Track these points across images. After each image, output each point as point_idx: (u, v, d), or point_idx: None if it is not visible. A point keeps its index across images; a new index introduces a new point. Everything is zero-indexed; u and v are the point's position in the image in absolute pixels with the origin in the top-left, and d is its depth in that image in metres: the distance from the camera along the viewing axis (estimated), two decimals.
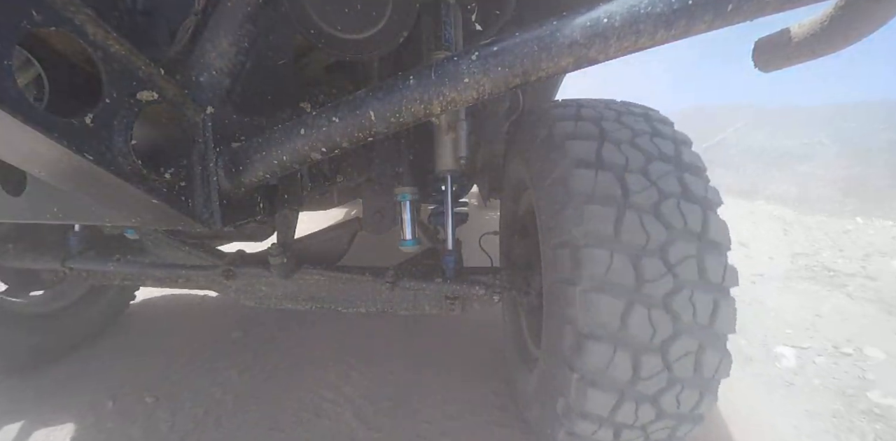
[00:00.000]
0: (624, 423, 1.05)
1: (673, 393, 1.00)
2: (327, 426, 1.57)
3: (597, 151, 1.07)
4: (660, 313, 0.95)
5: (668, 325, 0.95)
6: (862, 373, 2.06)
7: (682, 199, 1.01)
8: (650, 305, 0.95)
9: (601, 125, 1.15)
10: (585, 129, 1.14)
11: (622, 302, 0.95)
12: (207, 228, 0.90)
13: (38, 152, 0.62)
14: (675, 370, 0.97)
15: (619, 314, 0.94)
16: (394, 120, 0.76)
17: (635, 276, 0.95)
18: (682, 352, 0.96)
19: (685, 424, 1.06)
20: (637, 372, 0.97)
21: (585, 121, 1.17)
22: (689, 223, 0.98)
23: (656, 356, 0.96)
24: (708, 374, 0.99)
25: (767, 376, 2.03)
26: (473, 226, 2.76)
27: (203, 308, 2.56)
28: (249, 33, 0.96)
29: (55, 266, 1.59)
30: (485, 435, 1.54)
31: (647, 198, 0.99)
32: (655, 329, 0.95)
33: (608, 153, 1.06)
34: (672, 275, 0.95)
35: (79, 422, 1.60)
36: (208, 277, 1.60)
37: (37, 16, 0.56)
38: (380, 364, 1.94)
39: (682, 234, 0.98)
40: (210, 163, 0.88)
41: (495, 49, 0.67)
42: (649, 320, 0.94)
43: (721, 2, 0.59)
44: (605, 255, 0.96)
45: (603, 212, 0.98)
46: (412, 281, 1.41)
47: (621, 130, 1.13)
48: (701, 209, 1.00)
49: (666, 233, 0.97)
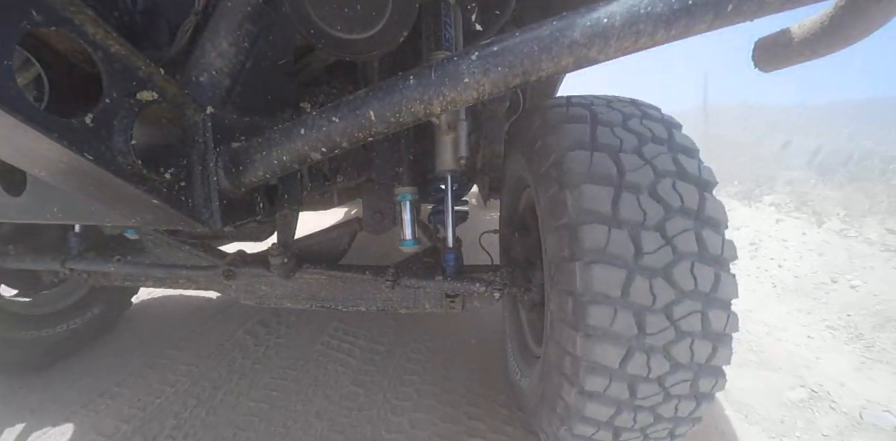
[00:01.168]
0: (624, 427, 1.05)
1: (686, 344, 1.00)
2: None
3: (590, 134, 1.10)
4: (660, 283, 0.96)
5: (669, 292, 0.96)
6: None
7: (678, 178, 1.03)
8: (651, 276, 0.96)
9: (592, 109, 1.18)
10: (577, 112, 1.17)
11: (623, 273, 0.96)
12: (207, 228, 0.90)
13: (38, 152, 0.62)
14: (681, 327, 0.98)
15: (621, 285, 0.95)
16: (394, 120, 0.76)
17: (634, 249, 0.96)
18: (686, 312, 0.97)
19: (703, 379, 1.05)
20: (642, 329, 0.96)
21: (576, 106, 1.21)
22: (685, 202, 1.00)
23: (660, 316, 0.96)
24: (717, 328, 0.99)
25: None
26: (473, 225, 2.77)
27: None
28: (249, 33, 0.96)
29: (55, 267, 1.59)
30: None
31: (643, 176, 1.02)
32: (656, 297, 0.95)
33: (602, 136, 1.09)
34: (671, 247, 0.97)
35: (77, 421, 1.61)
36: (209, 277, 1.60)
37: (37, 16, 0.56)
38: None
39: (679, 212, 1.00)
40: (210, 163, 0.88)
41: (495, 49, 0.67)
42: (650, 290, 0.95)
43: (721, 2, 0.59)
44: (603, 230, 0.97)
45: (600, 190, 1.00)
46: (412, 279, 1.41)
47: (611, 113, 1.17)
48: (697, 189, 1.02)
49: (663, 211, 0.99)
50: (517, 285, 1.42)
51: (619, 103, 1.24)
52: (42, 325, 1.90)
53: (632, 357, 0.97)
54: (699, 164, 1.08)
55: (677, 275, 0.96)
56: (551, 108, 1.23)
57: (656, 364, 0.98)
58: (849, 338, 2.45)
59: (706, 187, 1.04)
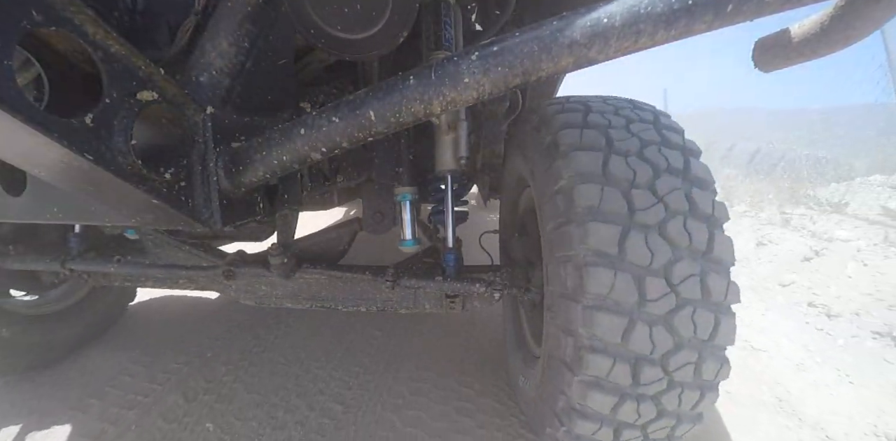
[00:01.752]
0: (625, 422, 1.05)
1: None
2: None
3: (583, 118, 1.17)
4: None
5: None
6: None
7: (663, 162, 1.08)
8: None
9: (587, 105, 1.24)
10: (572, 106, 1.23)
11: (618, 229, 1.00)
12: (207, 228, 0.90)
13: (38, 152, 0.62)
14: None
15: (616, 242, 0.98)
16: (394, 120, 0.76)
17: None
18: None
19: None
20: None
21: (573, 103, 1.26)
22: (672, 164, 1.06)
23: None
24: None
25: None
26: (474, 225, 2.77)
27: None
28: (249, 33, 0.96)
29: (55, 267, 1.59)
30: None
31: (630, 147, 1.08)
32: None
33: (594, 118, 1.17)
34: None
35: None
36: (209, 277, 1.60)
37: (37, 16, 0.56)
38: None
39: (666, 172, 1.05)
40: (210, 163, 0.88)
41: (495, 49, 0.67)
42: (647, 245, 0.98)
43: (721, 2, 0.59)
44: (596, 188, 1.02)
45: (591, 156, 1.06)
46: (412, 279, 1.41)
47: (605, 105, 1.23)
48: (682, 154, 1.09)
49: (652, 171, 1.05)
50: (517, 286, 1.41)
51: (613, 100, 1.30)
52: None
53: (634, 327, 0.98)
54: (684, 136, 1.17)
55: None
56: (548, 106, 1.28)
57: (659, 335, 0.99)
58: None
59: (692, 154, 1.11)
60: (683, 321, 0.97)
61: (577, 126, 1.14)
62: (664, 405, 1.03)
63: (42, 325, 1.90)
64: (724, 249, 1.01)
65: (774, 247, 3.81)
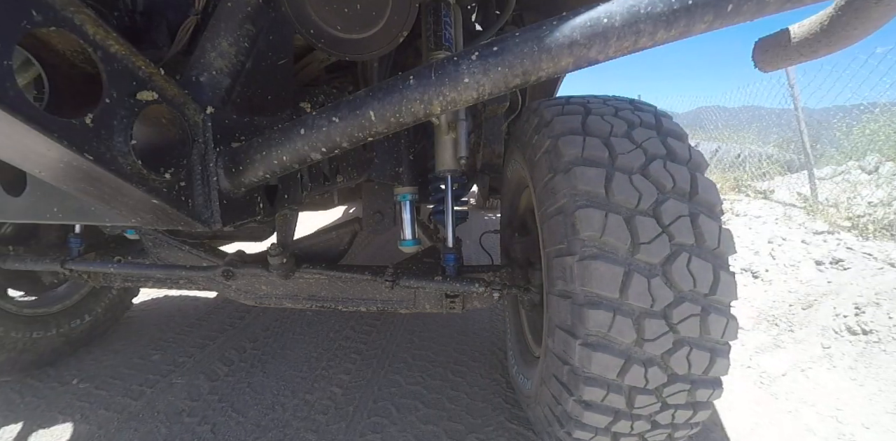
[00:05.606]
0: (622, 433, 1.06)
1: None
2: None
3: (582, 122, 1.14)
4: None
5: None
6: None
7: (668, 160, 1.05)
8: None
9: (586, 106, 1.22)
10: (571, 108, 1.22)
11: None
12: (207, 228, 0.90)
13: (38, 152, 0.62)
14: (680, 331, 0.98)
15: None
16: (394, 120, 0.76)
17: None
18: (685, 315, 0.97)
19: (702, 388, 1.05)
20: (640, 336, 0.96)
21: (572, 104, 1.24)
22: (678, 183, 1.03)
23: (658, 319, 0.96)
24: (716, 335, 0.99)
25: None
26: (475, 225, 2.77)
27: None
28: (249, 33, 0.96)
29: (55, 268, 1.59)
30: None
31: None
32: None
33: (593, 122, 1.14)
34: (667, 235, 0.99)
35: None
36: (208, 278, 1.60)
37: (37, 16, 0.56)
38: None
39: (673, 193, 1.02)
40: (210, 163, 0.88)
41: (495, 49, 0.67)
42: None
43: (721, 2, 0.59)
44: (600, 215, 0.99)
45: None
46: (412, 279, 1.41)
47: (604, 107, 1.21)
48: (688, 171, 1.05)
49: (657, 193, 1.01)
50: (517, 285, 1.41)
51: (613, 100, 1.30)
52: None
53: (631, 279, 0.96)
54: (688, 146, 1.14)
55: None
56: (548, 107, 1.27)
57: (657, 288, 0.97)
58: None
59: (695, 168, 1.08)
60: (687, 323, 0.97)
61: (578, 133, 1.10)
62: (666, 399, 1.03)
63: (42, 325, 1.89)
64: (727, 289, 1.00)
65: None
